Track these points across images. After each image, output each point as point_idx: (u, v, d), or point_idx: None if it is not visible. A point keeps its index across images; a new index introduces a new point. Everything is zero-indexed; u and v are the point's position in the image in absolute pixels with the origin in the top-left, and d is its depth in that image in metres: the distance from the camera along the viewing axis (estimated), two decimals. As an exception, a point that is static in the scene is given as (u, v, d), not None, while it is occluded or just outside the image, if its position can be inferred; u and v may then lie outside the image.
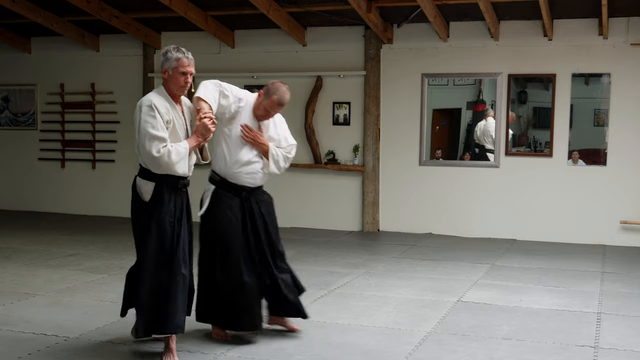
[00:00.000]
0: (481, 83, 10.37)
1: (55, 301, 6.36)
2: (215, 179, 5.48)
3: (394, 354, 5.01)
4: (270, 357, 4.89)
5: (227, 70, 11.36)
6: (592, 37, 9.80)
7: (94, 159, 12.28)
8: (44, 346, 5.06)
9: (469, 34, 10.26)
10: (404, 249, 9.29)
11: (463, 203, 10.43)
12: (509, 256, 8.87)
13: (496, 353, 5.05)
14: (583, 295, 6.84)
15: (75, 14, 11.01)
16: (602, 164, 9.86)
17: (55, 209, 12.49)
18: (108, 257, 8.47)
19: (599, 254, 9.07)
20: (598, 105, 9.89)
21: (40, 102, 12.58)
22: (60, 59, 12.36)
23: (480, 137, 10.37)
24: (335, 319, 5.88)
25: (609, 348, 5.19)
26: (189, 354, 4.92)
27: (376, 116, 10.64)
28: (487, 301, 6.55)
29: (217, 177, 5.45)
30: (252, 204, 5.47)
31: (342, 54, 10.82)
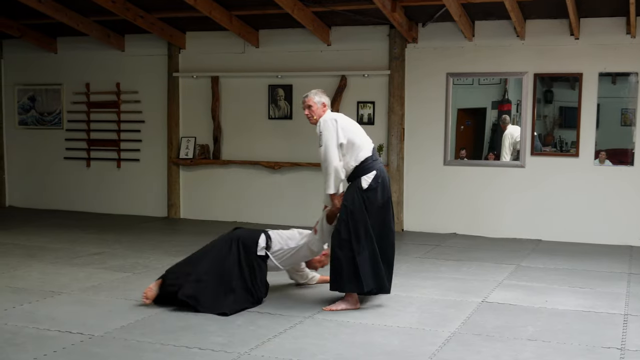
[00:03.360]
0: (507, 82, 10.31)
1: (80, 299, 6.39)
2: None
3: (417, 354, 4.98)
4: (293, 356, 4.88)
5: (251, 70, 11.38)
6: (619, 36, 9.70)
7: (119, 158, 12.35)
8: (69, 344, 5.09)
9: (495, 33, 10.20)
10: (428, 249, 9.25)
11: (488, 203, 10.37)
12: (534, 257, 8.81)
13: (521, 354, 5.01)
14: (609, 296, 6.77)
15: (100, 14, 11.08)
16: (630, 164, 9.76)
17: (80, 207, 12.58)
18: (133, 255, 8.51)
19: (626, 255, 8.98)
20: (625, 104, 9.79)
21: (66, 102, 12.67)
22: (85, 58, 12.44)
23: (509, 146, 10.29)
24: (358, 319, 5.87)
25: (635, 350, 5.12)
26: (213, 353, 4.92)
27: (400, 116, 10.61)
28: (511, 302, 6.50)
29: None
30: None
31: (367, 53, 10.80)
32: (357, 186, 6.09)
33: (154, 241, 9.62)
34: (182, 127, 11.92)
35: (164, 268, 7.74)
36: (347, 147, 6.14)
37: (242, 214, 11.58)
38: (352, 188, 6.14)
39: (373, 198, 6.10)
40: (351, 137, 6.16)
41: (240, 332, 5.42)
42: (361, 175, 6.10)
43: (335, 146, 6.08)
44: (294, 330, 5.53)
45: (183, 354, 4.91)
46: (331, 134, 6.10)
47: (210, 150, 11.72)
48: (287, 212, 11.29)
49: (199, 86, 11.75)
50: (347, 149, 6.14)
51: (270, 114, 11.38)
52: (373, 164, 6.18)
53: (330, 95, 10.81)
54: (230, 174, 11.68)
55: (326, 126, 6.15)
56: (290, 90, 11.23)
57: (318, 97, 6.37)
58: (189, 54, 11.81)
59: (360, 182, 6.08)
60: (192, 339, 5.22)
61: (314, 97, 6.35)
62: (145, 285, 6.90)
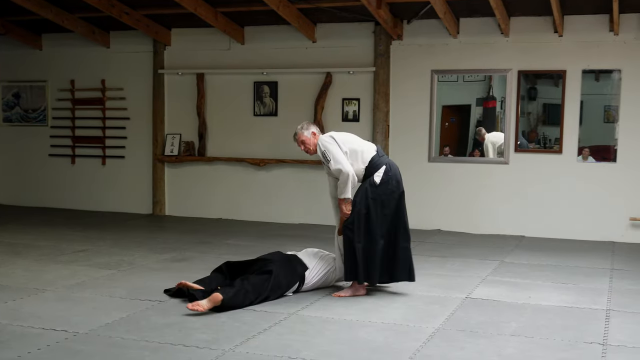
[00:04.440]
0: (491, 79, 10.36)
1: (65, 297, 6.38)
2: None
3: (401, 350, 5.01)
4: (278, 353, 4.90)
5: (237, 67, 11.38)
6: (602, 34, 9.76)
7: (104, 155, 12.32)
8: (54, 341, 5.08)
9: (479, 30, 10.24)
10: (413, 245, 9.22)
11: (472, 199, 10.42)
12: (517, 253, 8.86)
13: (504, 350, 5.04)
14: (592, 292, 6.83)
15: (85, 11, 11.05)
16: (612, 160, 9.83)
17: (65, 205, 12.55)
18: (118, 253, 8.50)
19: (608, 251, 9.05)
20: (608, 101, 9.86)
21: (50, 99, 12.63)
22: (70, 55, 12.40)
23: (492, 152, 10.39)
24: (343, 315, 5.89)
25: (617, 345, 5.17)
26: (197, 349, 4.93)
27: (385, 112, 10.64)
28: (495, 298, 6.54)
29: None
30: None
31: (352, 50, 10.82)
32: (369, 183, 6.48)
33: (139, 238, 9.61)
34: (168, 124, 11.90)
35: (149, 265, 7.78)
36: (351, 155, 6.51)
37: (228, 211, 11.59)
38: (363, 186, 6.51)
39: (388, 190, 6.52)
40: (350, 146, 6.55)
41: (225, 329, 5.43)
42: (373, 174, 6.49)
43: (343, 156, 6.45)
44: (279, 326, 5.54)
45: (167, 351, 4.91)
46: (335, 147, 6.48)
47: (196, 147, 11.72)
48: (273, 209, 11.30)
49: (184, 83, 11.73)
50: (351, 157, 6.50)
51: (255, 110, 11.39)
52: (380, 159, 6.57)
53: (315, 92, 10.93)
54: (215, 171, 11.68)
55: (326, 143, 6.52)
56: (275, 87, 11.24)
57: (307, 131, 6.69)
58: (174, 50, 11.79)
59: (373, 179, 6.48)
60: (176, 336, 5.22)
61: (304, 132, 6.69)
62: (130, 282, 6.92)
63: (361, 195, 6.46)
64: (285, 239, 9.65)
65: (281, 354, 4.87)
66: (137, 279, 7.12)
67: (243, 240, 9.60)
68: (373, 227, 6.44)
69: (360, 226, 6.42)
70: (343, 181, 6.39)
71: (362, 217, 6.42)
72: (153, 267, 7.73)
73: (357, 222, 6.41)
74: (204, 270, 7.13)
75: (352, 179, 6.40)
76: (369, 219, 6.43)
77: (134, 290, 6.62)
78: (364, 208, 6.43)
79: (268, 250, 7.57)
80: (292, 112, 11.15)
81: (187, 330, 5.38)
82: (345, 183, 6.38)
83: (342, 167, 6.37)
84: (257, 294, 6.14)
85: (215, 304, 5.90)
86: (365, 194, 6.46)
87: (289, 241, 9.36)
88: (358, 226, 6.42)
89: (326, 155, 6.45)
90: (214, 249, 8.89)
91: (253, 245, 9.10)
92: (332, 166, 6.41)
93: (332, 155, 6.43)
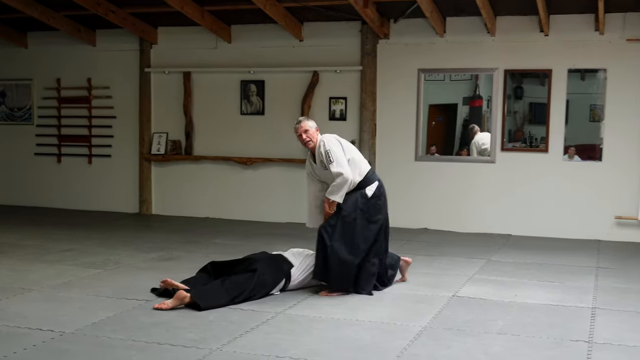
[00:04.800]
0: (477, 78, 10.39)
1: (51, 296, 6.36)
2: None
3: (388, 348, 5.02)
4: (265, 352, 4.90)
5: (224, 65, 11.36)
6: (588, 33, 9.81)
7: (91, 154, 12.28)
8: (40, 341, 5.06)
9: (466, 29, 10.26)
10: (400, 244, 9.30)
11: (459, 198, 10.45)
12: (504, 251, 8.89)
13: (491, 348, 5.06)
14: (578, 290, 6.86)
15: (71, 9, 11.00)
16: (598, 159, 9.88)
17: (51, 204, 12.50)
18: (104, 252, 8.47)
19: (594, 249, 9.10)
20: (594, 100, 9.90)
21: (36, 97, 12.57)
22: (56, 53, 12.35)
23: (476, 152, 10.41)
24: (330, 314, 5.89)
25: (603, 343, 5.20)
26: (185, 349, 4.92)
27: (372, 111, 10.65)
28: (482, 296, 6.57)
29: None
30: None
31: (339, 49, 10.82)
32: (360, 194, 6.55)
33: (126, 237, 9.58)
34: (154, 123, 11.87)
35: (135, 264, 7.76)
36: (350, 164, 6.53)
37: (215, 210, 11.57)
38: (354, 196, 6.53)
39: (377, 205, 6.60)
40: (352, 155, 6.61)
41: (213, 328, 5.42)
42: (365, 187, 6.57)
43: (347, 162, 6.49)
44: (266, 325, 5.54)
45: (154, 350, 4.90)
46: (340, 150, 6.51)
47: (182, 146, 11.69)
48: (259, 208, 11.30)
49: (171, 82, 11.71)
50: (351, 166, 6.53)
51: (242, 109, 11.37)
52: (374, 175, 6.71)
53: (302, 91, 10.94)
54: (202, 170, 11.66)
55: (332, 145, 6.53)
56: (262, 85, 11.23)
57: (311, 122, 6.70)
58: (160, 49, 11.76)
59: (365, 191, 6.56)
60: (163, 335, 5.21)
61: (307, 122, 6.70)
62: (116, 281, 6.90)
63: (351, 203, 6.50)
64: (272, 237, 9.65)
65: (268, 353, 4.87)
66: (123, 278, 7.10)
67: (230, 239, 9.59)
68: (357, 239, 6.49)
69: (342, 233, 6.45)
70: (340, 184, 6.41)
71: (347, 224, 6.46)
72: (140, 266, 7.71)
73: (340, 227, 6.45)
74: (191, 270, 7.11)
75: (349, 186, 6.45)
76: (354, 228, 6.49)
77: (120, 289, 6.60)
78: (350, 216, 6.47)
79: (255, 250, 7.58)
80: (279, 111, 11.15)
81: (174, 329, 5.37)
82: (341, 186, 6.42)
83: (343, 171, 6.40)
84: (239, 291, 6.14)
85: (183, 302, 5.93)
86: (355, 203, 6.51)
87: (276, 240, 9.37)
88: (340, 232, 6.45)
89: (329, 156, 6.44)
90: (200, 248, 8.87)
91: (240, 244, 9.09)
92: (333, 167, 6.41)
93: (335, 157, 6.43)
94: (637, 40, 9.60)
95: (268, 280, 6.37)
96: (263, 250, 7.34)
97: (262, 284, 6.31)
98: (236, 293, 6.12)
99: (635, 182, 9.73)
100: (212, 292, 6.06)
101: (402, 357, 4.83)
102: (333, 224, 6.47)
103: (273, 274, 6.43)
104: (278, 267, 6.51)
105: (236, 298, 6.11)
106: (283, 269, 6.54)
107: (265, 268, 6.39)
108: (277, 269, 6.50)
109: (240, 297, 6.14)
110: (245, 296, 6.17)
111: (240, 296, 6.14)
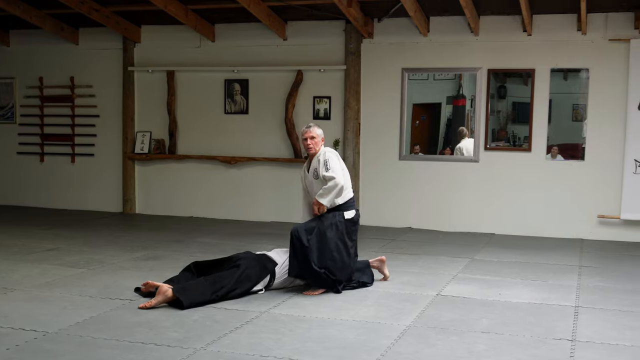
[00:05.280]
0: (461, 78, 10.42)
1: (34, 296, 6.32)
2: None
3: (373, 347, 5.03)
4: (249, 351, 4.90)
5: (208, 64, 11.34)
6: (570, 33, 9.86)
7: (74, 153, 12.22)
8: (23, 341, 5.03)
9: (449, 29, 10.29)
10: (384, 243, 9.32)
11: (443, 197, 10.48)
12: (487, 250, 8.93)
13: (475, 346, 5.08)
14: (561, 289, 6.90)
15: (54, 7, 10.94)
16: (580, 158, 9.93)
17: (34, 203, 12.43)
18: (88, 251, 8.43)
19: (577, 248, 9.15)
20: (576, 100, 9.96)
21: (19, 96, 12.49)
22: (39, 52, 12.28)
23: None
24: (314, 313, 5.90)
25: (586, 341, 5.23)
26: (169, 348, 4.91)
27: (356, 111, 10.66)
28: (466, 295, 6.59)
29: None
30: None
31: (323, 48, 10.83)
32: (338, 214, 6.70)
33: (109, 237, 9.55)
34: (138, 122, 11.83)
35: (119, 264, 7.73)
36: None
37: (198, 209, 11.55)
38: (332, 214, 6.69)
39: (352, 228, 6.79)
40: (345, 176, 6.77)
41: (197, 328, 5.42)
42: (344, 210, 6.73)
43: (340, 171, 6.69)
44: (251, 325, 5.54)
45: (139, 350, 4.89)
46: (337, 163, 6.70)
47: (166, 145, 11.66)
48: (244, 207, 11.28)
49: (154, 80, 11.67)
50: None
51: (226, 108, 11.35)
52: (354, 204, 6.88)
53: (286, 90, 10.93)
54: (186, 169, 11.64)
55: (332, 154, 6.74)
56: (246, 84, 11.21)
57: (320, 130, 6.85)
58: (144, 48, 11.72)
59: (343, 213, 6.71)
60: (148, 335, 5.20)
61: (317, 129, 6.86)
62: (100, 281, 6.87)
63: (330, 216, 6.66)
64: (256, 237, 9.64)
65: (253, 352, 4.87)
66: (107, 277, 7.07)
67: (214, 238, 9.57)
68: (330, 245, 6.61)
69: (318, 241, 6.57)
70: (330, 188, 6.58)
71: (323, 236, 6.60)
72: (123, 265, 7.69)
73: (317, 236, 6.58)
74: (175, 269, 7.11)
75: (338, 193, 6.60)
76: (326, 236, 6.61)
77: (104, 289, 6.58)
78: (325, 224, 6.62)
79: (239, 249, 7.58)
80: (263, 110, 11.14)
81: (159, 329, 5.36)
82: (331, 190, 6.58)
83: (336, 176, 6.59)
84: (221, 285, 6.15)
85: (166, 298, 5.93)
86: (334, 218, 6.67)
87: (260, 239, 9.37)
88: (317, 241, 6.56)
89: (327, 163, 6.61)
90: (184, 247, 8.85)
91: (224, 243, 9.08)
92: (328, 173, 6.57)
93: (332, 166, 6.62)
94: (619, 40, 9.67)
95: (252, 275, 6.38)
96: (247, 249, 7.35)
97: (246, 278, 6.32)
98: (218, 286, 6.13)
99: (617, 181, 9.79)
100: (194, 287, 6.06)
101: (387, 356, 4.84)
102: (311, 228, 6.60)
103: (257, 270, 6.44)
104: (262, 265, 6.52)
105: (219, 291, 6.12)
106: (267, 267, 6.54)
107: (249, 264, 6.40)
108: (261, 266, 6.51)
109: (222, 290, 6.14)
110: (227, 289, 6.18)
111: (222, 289, 6.14)
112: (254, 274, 6.40)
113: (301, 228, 6.62)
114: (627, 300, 6.50)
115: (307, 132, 6.78)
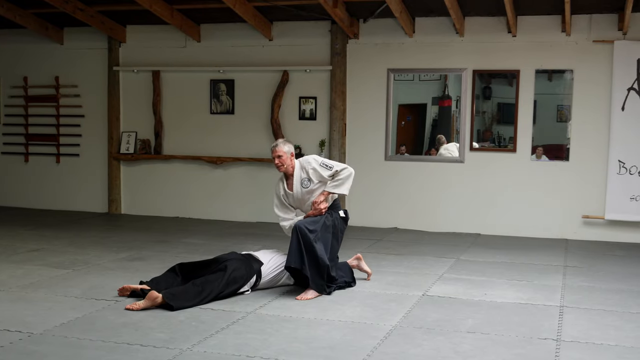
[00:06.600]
0: (446, 78, 10.45)
1: (19, 297, 6.29)
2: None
3: (359, 347, 5.04)
4: (236, 351, 4.89)
5: (193, 64, 11.32)
6: (555, 34, 9.91)
7: (58, 153, 12.16)
8: (7, 342, 5.01)
9: (435, 30, 10.32)
10: (370, 243, 9.34)
11: (428, 198, 10.50)
12: (473, 250, 8.96)
13: (460, 346, 5.10)
14: (546, 289, 6.93)
15: (38, 6, 10.88)
16: (565, 159, 9.98)
17: (18, 203, 12.36)
18: (73, 252, 8.40)
19: (562, 248, 9.19)
20: (561, 101, 10.01)
21: (3, 96, 12.42)
22: (23, 51, 12.21)
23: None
24: (301, 314, 5.90)
25: (570, 341, 5.26)
26: (155, 349, 4.90)
27: (342, 111, 10.67)
28: (451, 295, 6.61)
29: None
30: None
31: (308, 48, 10.83)
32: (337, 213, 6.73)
33: (94, 237, 9.51)
34: (123, 122, 11.79)
35: (104, 264, 7.70)
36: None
37: (184, 210, 11.53)
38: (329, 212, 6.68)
39: (342, 227, 6.80)
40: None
41: (183, 328, 5.41)
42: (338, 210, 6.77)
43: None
44: (237, 325, 5.53)
45: (124, 350, 4.88)
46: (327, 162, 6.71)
47: (152, 145, 11.63)
48: (229, 207, 11.27)
49: (139, 80, 11.64)
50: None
51: (212, 108, 11.34)
52: (340, 204, 6.87)
53: (272, 90, 10.93)
54: (171, 169, 11.61)
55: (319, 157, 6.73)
56: (232, 85, 11.20)
57: (287, 147, 6.69)
58: (129, 47, 11.69)
59: (339, 213, 6.76)
60: (133, 336, 5.19)
61: (283, 147, 6.69)
62: (85, 281, 6.84)
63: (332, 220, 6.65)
64: (242, 237, 9.63)
65: (239, 353, 4.86)
66: (92, 278, 7.05)
67: (200, 238, 9.56)
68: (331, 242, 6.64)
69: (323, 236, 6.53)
70: (346, 177, 6.58)
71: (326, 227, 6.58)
72: (108, 266, 7.66)
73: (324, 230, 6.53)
74: (160, 270, 7.09)
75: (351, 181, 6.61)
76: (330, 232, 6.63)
77: (89, 289, 6.56)
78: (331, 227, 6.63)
79: (225, 249, 7.58)
80: (248, 110, 11.13)
81: (144, 329, 5.35)
82: (347, 179, 6.59)
83: (348, 166, 6.63)
84: (210, 290, 6.14)
85: (155, 302, 5.91)
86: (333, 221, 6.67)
87: (246, 239, 9.36)
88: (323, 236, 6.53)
89: (326, 164, 6.61)
90: (170, 247, 8.83)
91: (210, 243, 9.07)
92: (336, 166, 6.57)
93: (330, 162, 6.64)
94: (603, 42, 9.72)
95: (238, 277, 6.37)
96: (233, 250, 7.34)
97: (233, 281, 6.31)
98: (207, 292, 6.11)
99: (601, 182, 9.85)
100: (183, 293, 6.04)
101: (373, 356, 4.86)
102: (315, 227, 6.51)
103: (243, 271, 6.43)
104: (248, 265, 6.51)
105: (208, 296, 6.11)
106: (253, 267, 6.54)
107: (235, 266, 6.39)
108: (247, 267, 6.50)
109: (211, 295, 6.13)
110: (216, 293, 6.17)
111: (211, 294, 6.13)
112: (240, 276, 6.39)
113: (307, 221, 6.53)
114: (612, 299, 6.55)
115: (273, 151, 6.64)
